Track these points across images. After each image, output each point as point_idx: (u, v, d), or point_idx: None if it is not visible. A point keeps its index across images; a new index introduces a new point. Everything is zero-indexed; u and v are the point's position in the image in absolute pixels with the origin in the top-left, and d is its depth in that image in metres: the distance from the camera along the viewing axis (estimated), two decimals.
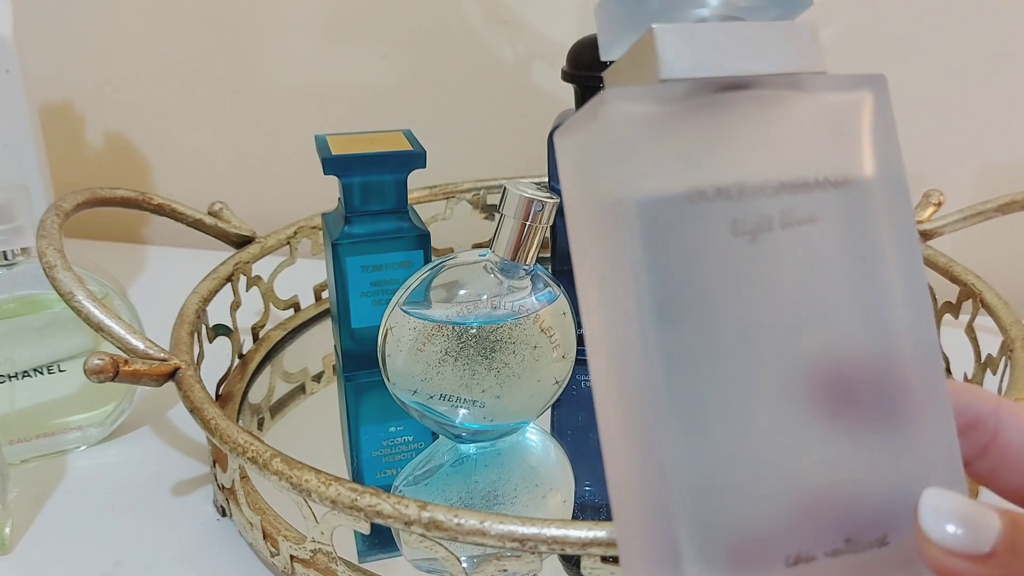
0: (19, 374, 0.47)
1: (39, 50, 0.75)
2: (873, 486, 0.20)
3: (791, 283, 0.20)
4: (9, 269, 0.47)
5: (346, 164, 0.47)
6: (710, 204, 0.19)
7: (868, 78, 0.21)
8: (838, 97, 0.21)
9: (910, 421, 0.21)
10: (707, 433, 0.19)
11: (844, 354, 0.20)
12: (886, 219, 0.20)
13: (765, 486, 0.20)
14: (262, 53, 0.74)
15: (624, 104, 0.19)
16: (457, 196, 0.65)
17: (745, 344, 0.19)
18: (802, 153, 0.20)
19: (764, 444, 0.20)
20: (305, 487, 0.35)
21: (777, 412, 0.20)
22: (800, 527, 0.20)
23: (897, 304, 0.20)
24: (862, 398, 0.20)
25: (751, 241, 0.19)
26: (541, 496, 0.43)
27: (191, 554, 0.42)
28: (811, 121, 0.20)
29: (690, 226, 0.19)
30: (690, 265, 0.19)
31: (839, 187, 0.20)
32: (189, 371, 0.42)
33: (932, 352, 0.21)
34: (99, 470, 0.48)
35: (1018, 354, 0.44)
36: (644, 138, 0.19)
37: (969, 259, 0.54)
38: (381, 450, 0.48)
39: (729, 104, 0.20)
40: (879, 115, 0.21)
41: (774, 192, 0.19)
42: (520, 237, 0.41)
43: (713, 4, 0.20)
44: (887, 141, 0.21)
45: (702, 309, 0.19)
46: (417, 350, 0.41)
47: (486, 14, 0.69)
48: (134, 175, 0.80)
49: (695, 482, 0.19)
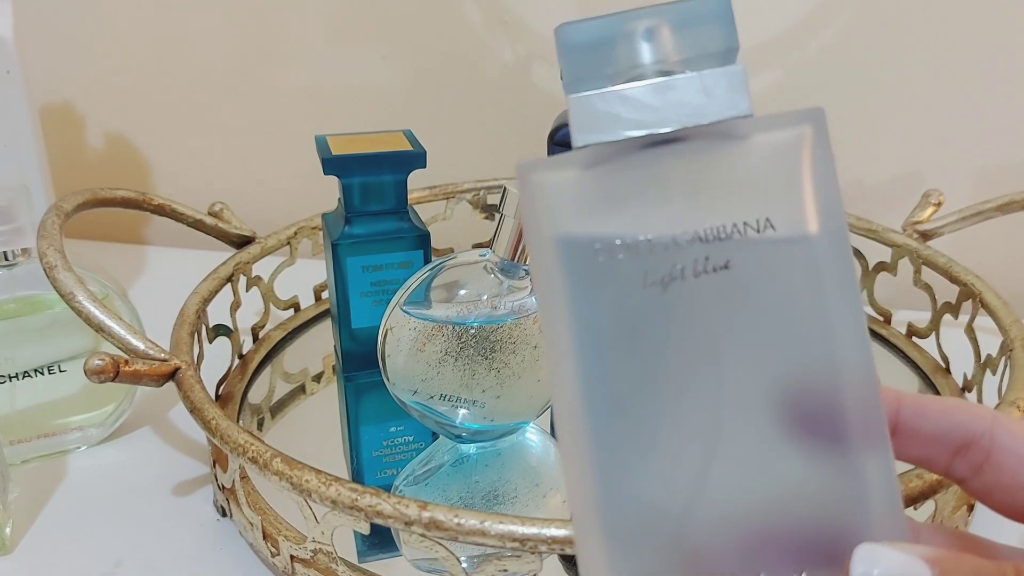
0: (20, 374, 0.47)
1: (39, 50, 0.75)
2: (804, 520, 0.21)
3: (704, 326, 0.21)
4: (10, 270, 0.47)
5: (346, 164, 0.47)
6: (618, 260, 0.20)
7: (805, 114, 0.21)
8: (772, 137, 0.21)
9: (850, 458, 0.21)
10: (629, 463, 0.21)
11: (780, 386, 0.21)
12: (816, 255, 0.21)
13: (692, 509, 0.21)
14: (262, 53, 0.74)
15: (539, 174, 0.21)
16: (457, 196, 0.65)
17: (665, 379, 0.21)
18: (723, 201, 0.21)
19: (689, 469, 0.21)
20: (306, 487, 0.35)
21: (701, 440, 0.21)
22: (719, 558, 0.21)
23: (824, 343, 0.21)
24: (812, 421, 0.21)
25: (661, 291, 0.20)
26: (541, 496, 0.43)
27: (192, 554, 0.42)
28: (740, 167, 0.21)
29: (603, 278, 0.20)
30: (606, 311, 0.21)
31: (761, 231, 0.20)
32: (189, 371, 0.42)
33: (870, 395, 0.21)
34: (100, 470, 0.48)
35: (1018, 354, 0.44)
36: (560, 203, 0.21)
37: (969, 259, 0.54)
38: (381, 450, 0.48)
39: (656, 159, 0.21)
40: (816, 151, 0.21)
41: (688, 243, 0.20)
42: (520, 237, 0.41)
43: (646, 62, 0.21)
44: (823, 177, 0.21)
45: (621, 349, 0.21)
46: (417, 350, 0.41)
47: (486, 15, 0.69)
48: (134, 175, 0.80)
49: (621, 505, 0.21)
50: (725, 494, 0.21)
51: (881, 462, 0.21)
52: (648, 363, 0.21)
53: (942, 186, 0.59)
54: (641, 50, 0.21)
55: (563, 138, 0.51)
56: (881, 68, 0.65)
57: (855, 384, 0.21)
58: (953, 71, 0.64)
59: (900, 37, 0.64)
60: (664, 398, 0.21)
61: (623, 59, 0.21)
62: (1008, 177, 0.64)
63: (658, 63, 0.21)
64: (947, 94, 0.64)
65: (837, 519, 0.21)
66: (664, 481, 0.21)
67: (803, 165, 0.21)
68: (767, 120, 0.21)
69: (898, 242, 0.56)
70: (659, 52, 0.21)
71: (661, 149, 0.21)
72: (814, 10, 0.64)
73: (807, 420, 0.21)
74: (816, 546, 0.21)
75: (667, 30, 0.21)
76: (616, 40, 0.21)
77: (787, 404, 0.21)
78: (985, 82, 0.63)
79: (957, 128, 0.65)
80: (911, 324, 0.56)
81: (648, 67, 0.21)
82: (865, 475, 0.21)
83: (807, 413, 0.21)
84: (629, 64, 0.21)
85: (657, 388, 0.21)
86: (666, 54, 0.21)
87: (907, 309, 0.58)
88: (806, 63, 0.65)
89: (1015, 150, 0.65)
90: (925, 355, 0.54)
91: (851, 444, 0.21)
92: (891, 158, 0.67)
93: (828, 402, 0.21)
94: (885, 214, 0.60)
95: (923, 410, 0.23)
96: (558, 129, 0.52)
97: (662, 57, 0.21)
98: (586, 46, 0.21)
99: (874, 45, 0.64)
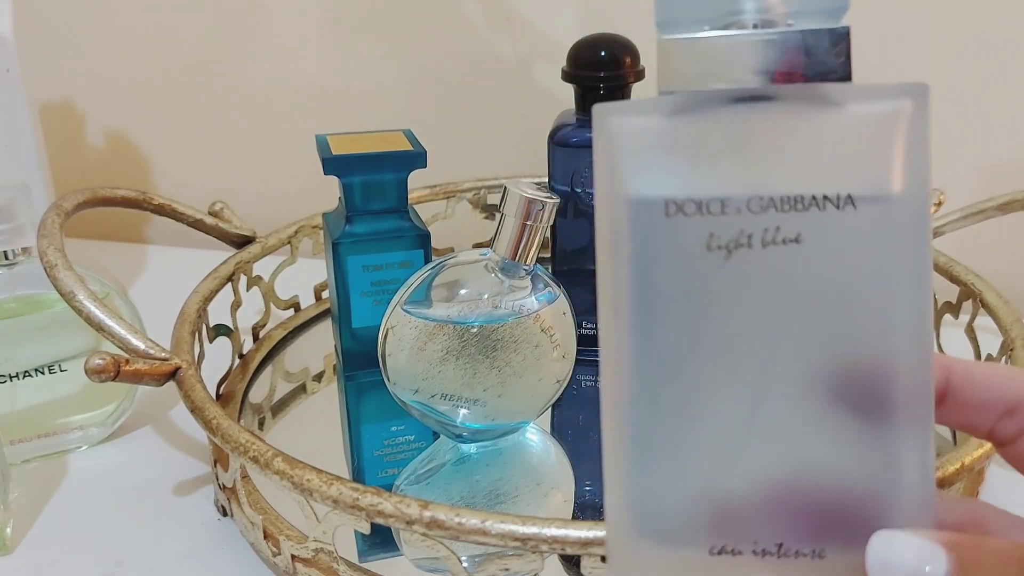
0: (20, 374, 0.47)
1: (39, 50, 0.75)
2: (834, 496, 0.21)
3: (763, 299, 0.20)
4: (10, 269, 0.47)
5: (346, 164, 0.47)
6: (687, 218, 0.20)
7: (907, 87, 0.20)
8: (870, 108, 0.20)
9: (890, 440, 0.21)
10: (668, 427, 0.20)
11: (823, 364, 0.20)
12: (893, 240, 0.20)
13: (725, 472, 0.21)
14: (263, 53, 0.74)
15: (617, 117, 0.20)
16: (457, 196, 0.65)
17: (715, 347, 0.20)
18: (807, 169, 0.20)
19: (727, 435, 0.20)
20: (307, 487, 0.35)
21: (743, 408, 0.20)
22: (744, 524, 0.21)
23: (886, 329, 0.20)
24: (859, 401, 0.20)
25: (725, 257, 0.20)
26: (542, 495, 0.43)
27: (192, 554, 0.42)
28: (830, 136, 0.20)
29: (669, 237, 0.20)
30: (668, 272, 0.20)
31: (841, 207, 0.19)
32: (190, 371, 0.42)
33: (923, 381, 0.21)
34: (100, 470, 0.48)
35: (1018, 354, 0.44)
36: (636, 149, 0.20)
37: (969, 259, 0.54)
38: (382, 449, 0.48)
39: (743, 116, 0.20)
40: (912, 129, 0.20)
41: (760, 209, 0.19)
42: (520, 237, 0.41)
43: (747, 10, 0.20)
44: (915, 157, 0.20)
45: (677, 312, 0.20)
46: (418, 349, 0.41)
47: (487, 13, 0.69)
48: (134, 175, 0.80)
49: (652, 454, 0.20)
50: (759, 461, 0.20)
51: (921, 445, 0.21)
52: (701, 330, 0.20)
53: (942, 185, 0.59)
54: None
55: (563, 138, 0.51)
56: (881, 68, 0.65)
57: (910, 370, 0.20)
58: (953, 71, 0.64)
59: (900, 37, 0.64)
60: (712, 366, 0.20)
61: (723, 2, 0.20)
62: (1009, 176, 0.64)
63: (760, 12, 0.20)
64: (947, 94, 0.64)
65: (867, 498, 0.21)
66: (701, 447, 0.21)
67: (895, 143, 0.20)
68: (866, 89, 0.20)
69: None
70: (763, 0, 0.20)
71: (750, 106, 0.20)
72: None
73: (854, 400, 0.20)
74: (842, 522, 0.21)
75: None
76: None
77: (837, 383, 0.20)
78: (985, 82, 0.63)
79: (957, 128, 0.65)
80: None
81: (749, 15, 0.20)
82: (902, 457, 0.21)
83: (855, 394, 0.20)
84: (729, 9, 0.20)
85: (707, 356, 0.20)
86: (770, 3, 0.20)
87: None
88: None
89: (1016, 149, 0.65)
90: None
91: (894, 426, 0.20)
92: None
93: (879, 384, 0.20)
94: None
95: (973, 377, 0.23)
96: (559, 128, 0.52)
97: (765, 6, 0.20)
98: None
99: (874, 45, 0.64)
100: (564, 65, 0.51)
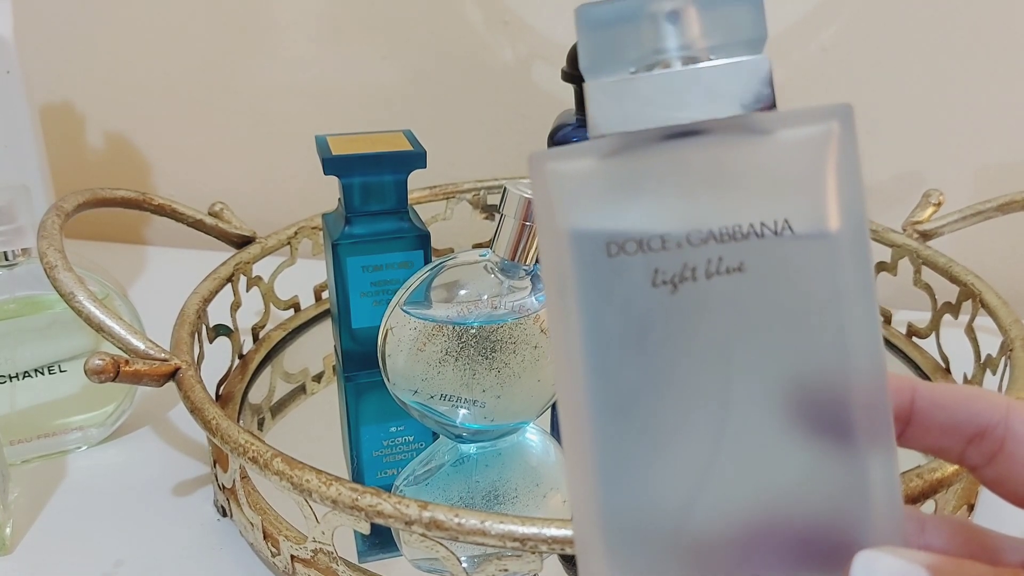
0: (20, 374, 0.47)
1: (39, 50, 0.75)
2: (805, 521, 0.21)
3: (714, 329, 0.20)
4: (10, 270, 0.47)
5: (346, 164, 0.47)
6: (630, 256, 0.20)
7: (833, 109, 0.20)
8: (798, 133, 0.20)
9: (855, 460, 0.21)
10: (632, 462, 0.20)
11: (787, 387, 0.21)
12: (835, 261, 0.20)
13: (694, 507, 0.20)
14: (262, 53, 0.74)
15: (553, 163, 0.20)
16: (457, 196, 0.65)
17: (672, 380, 0.20)
18: (743, 199, 0.20)
19: (692, 468, 0.20)
20: (306, 487, 0.35)
21: (706, 440, 0.20)
22: (717, 557, 0.21)
23: (837, 347, 0.20)
24: (818, 422, 0.21)
25: (672, 291, 0.20)
26: (542, 496, 0.43)
27: (192, 554, 0.42)
28: (762, 163, 0.20)
29: (613, 277, 0.20)
30: (616, 311, 0.20)
31: (779, 232, 0.20)
32: (190, 371, 0.42)
33: (879, 398, 0.21)
34: (100, 470, 0.48)
35: (1018, 354, 0.44)
36: (574, 193, 0.20)
37: (969, 259, 0.54)
38: (381, 450, 0.48)
39: (676, 152, 0.20)
40: (842, 150, 0.20)
41: (701, 242, 0.20)
42: (520, 237, 0.41)
43: (670, 48, 0.20)
44: (847, 175, 0.20)
45: (630, 350, 0.20)
46: (418, 350, 0.41)
47: (486, 15, 0.69)
48: (134, 175, 0.80)
49: (622, 504, 0.20)
50: (727, 493, 0.20)
51: (885, 463, 0.21)
52: (655, 364, 0.20)
53: (942, 186, 0.59)
54: (666, 33, 0.20)
55: (563, 138, 0.51)
56: (881, 68, 0.65)
57: (865, 387, 0.20)
58: (953, 71, 0.64)
59: (900, 37, 0.64)
60: (670, 399, 0.20)
61: (646, 43, 0.20)
62: (1008, 177, 0.64)
63: (683, 48, 0.20)
64: (947, 94, 0.64)
65: (837, 521, 0.21)
66: (666, 480, 0.20)
67: (828, 165, 0.20)
68: (793, 115, 0.20)
69: (898, 242, 0.56)
70: (684, 37, 0.20)
71: (681, 141, 0.20)
72: (814, 10, 0.64)
73: (814, 421, 0.20)
74: (815, 547, 0.21)
75: (694, 13, 0.20)
76: (640, 22, 0.20)
77: (795, 406, 0.20)
78: (985, 82, 0.63)
79: (957, 128, 0.65)
80: (911, 324, 0.56)
81: (672, 52, 0.20)
82: (868, 476, 0.21)
83: (815, 415, 0.20)
84: (652, 48, 0.20)
85: (663, 389, 0.20)
86: (692, 39, 0.20)
87: (907, 309, 0.58)
88: (806, 63, 0.65)
89: (1015, 150, 0.65)
90: (925, 355, 0.54)
91: (856, 445, 0.21)
92: (891, 158, 0.67)
93: (837, 403, 0.20)
94: (885, 214, 0.60)
95: (938, 399, 0.22)
96: (558, 129, 0.52)
97: (687, 42, 0.20)
98: (607, 27, 0.20)
99: (874, 45, 0.64)
100: (564, 65, 0.51)
